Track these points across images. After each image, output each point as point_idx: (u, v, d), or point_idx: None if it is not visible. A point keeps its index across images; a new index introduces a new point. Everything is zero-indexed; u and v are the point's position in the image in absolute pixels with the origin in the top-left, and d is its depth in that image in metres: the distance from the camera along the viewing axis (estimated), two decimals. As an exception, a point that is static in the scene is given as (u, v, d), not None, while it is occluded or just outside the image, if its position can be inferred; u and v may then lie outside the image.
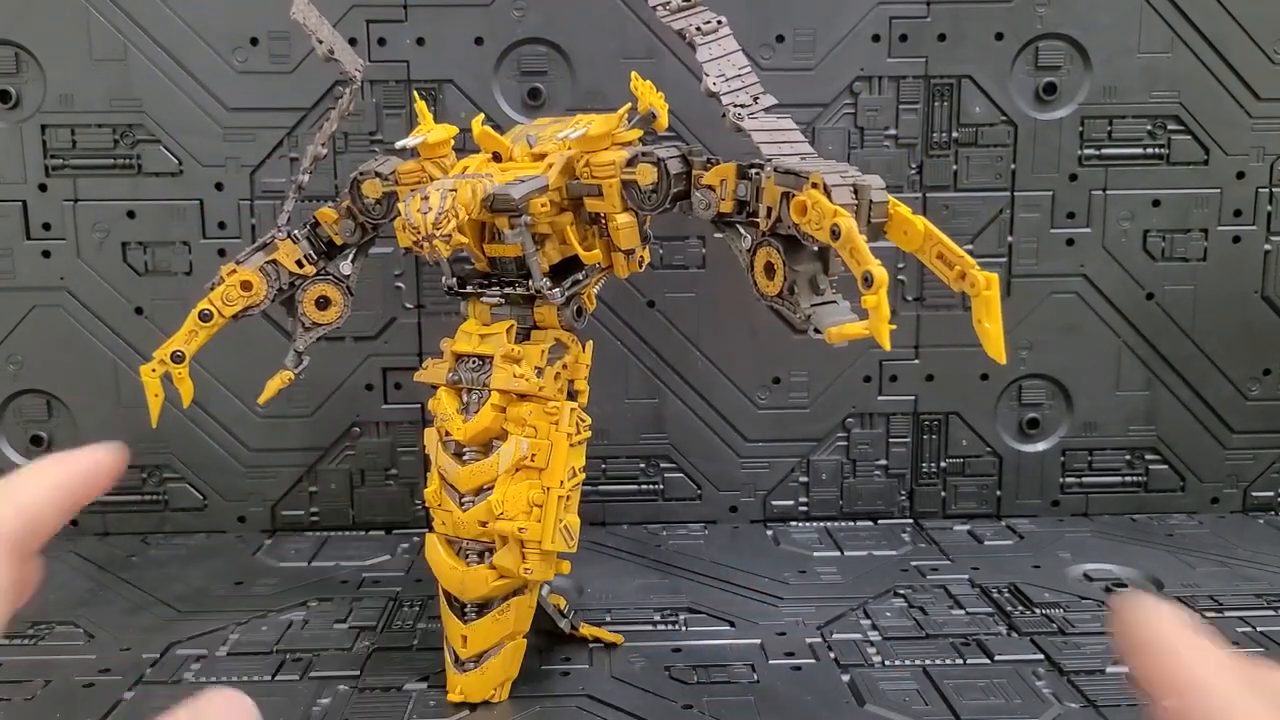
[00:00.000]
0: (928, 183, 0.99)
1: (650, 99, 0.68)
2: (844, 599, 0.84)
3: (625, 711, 0.67)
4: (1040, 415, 1.03)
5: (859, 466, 1.03)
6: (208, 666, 0.74)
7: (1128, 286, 1.01)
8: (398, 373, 1.00)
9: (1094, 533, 0.99)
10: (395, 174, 0.73)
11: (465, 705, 0.68)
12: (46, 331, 0.99)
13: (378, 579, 0.90)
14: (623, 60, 0.96)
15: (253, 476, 1.02)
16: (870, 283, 0.51)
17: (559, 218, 0.68)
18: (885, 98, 0.98)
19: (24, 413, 1.00)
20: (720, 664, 0.73)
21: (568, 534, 0.67)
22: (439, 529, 0.69)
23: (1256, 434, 1.04)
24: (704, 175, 0.65)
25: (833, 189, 0.55)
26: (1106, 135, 0.99)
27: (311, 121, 0.96)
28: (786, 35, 0.96)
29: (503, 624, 0.67)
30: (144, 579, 0.90)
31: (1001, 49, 0.97)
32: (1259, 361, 1.03)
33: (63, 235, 0.98)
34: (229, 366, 0.99)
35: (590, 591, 0.86)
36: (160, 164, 0.97)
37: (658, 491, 1.03)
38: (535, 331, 0.70)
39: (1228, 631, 0.77)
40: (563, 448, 0.66)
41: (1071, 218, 1.00)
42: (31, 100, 0.96)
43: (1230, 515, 1.04)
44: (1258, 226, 1.01)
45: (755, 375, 1.01)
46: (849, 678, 0.71)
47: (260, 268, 0.74)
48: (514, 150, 0.71)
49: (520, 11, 0.96)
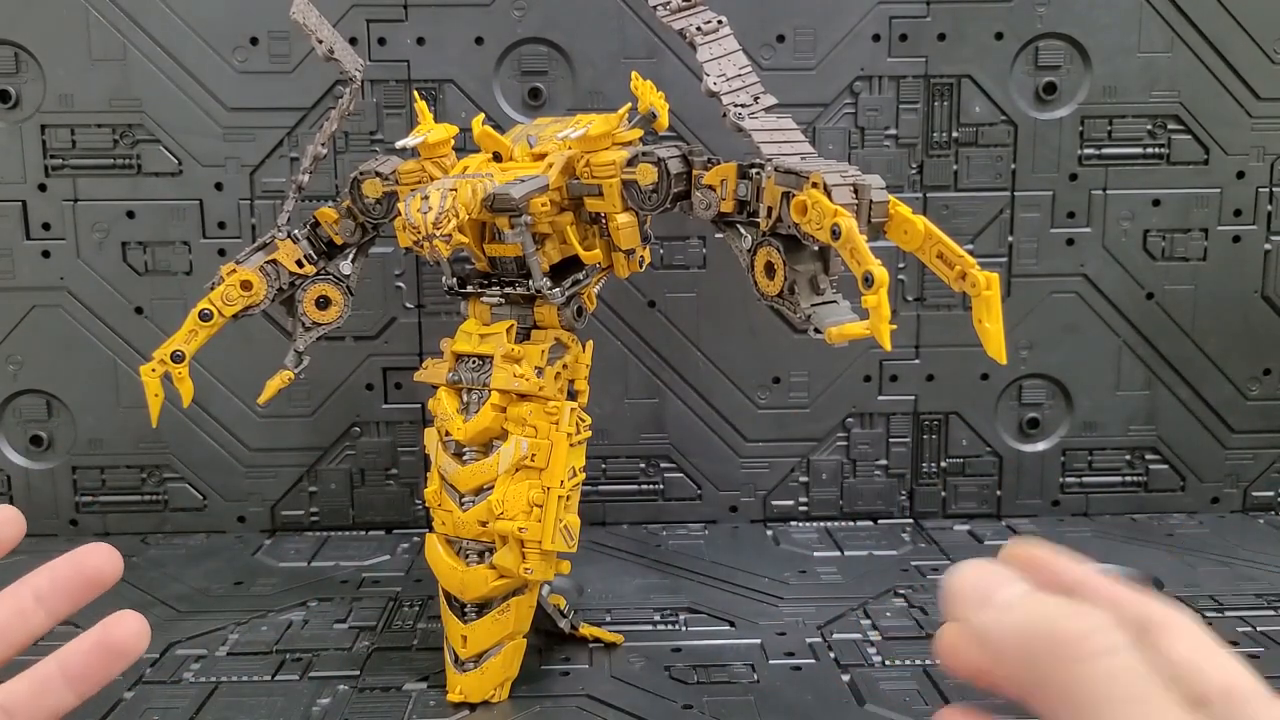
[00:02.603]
0: (928, 182, 0.99)
1: (650, 99, 0.68)
2: (844, 599, 0.84)
3: (625, 711, 0.67)
4: (1040, 415, 1.03)
5: (859, 466, 1.03)
6: (207, 666, 0.74)
7: (1128, 286, 1.01)
8: (398, 373, 1.00)
9: (1094, 533, 0.99)
10: (395, 174, 0.73)
11: (465, 705, 0.68)
12: (46, 331, 0.99)
13: (378, 579, 0.90)
14: (623, 60, 0.96)
15: (253, 476, 1.02)
16: (871, 282, 0.51)
17: (559, 217, 0.68)
18: (885, 97, 0.98)
19: (24, 413, 1.00)
20: (720, 664, 0.73)
21: (568, 534, 0.67)
22: (439, 529, 0.69)
23: (1256, 434, 1.04)
24: (704, 175, 0.65)
25: (833, 189, 0.55)
26: (1106, 135, 0.99)
27: (311, 121, 0.96)
28: (787, 35, 0.96)
29: (503, 624, 0.67)
30: (144, 579, 0.90)
31: (1001, 49, 0.97)
32: (1259, 361, 1.03)
33: (62, 235, 0.98)
34: (229, 366, 0.99)
35: (590, 591, 0.86)
36: (160, 164, 0.97)
37: (658, 491, 1.03)
38: (535, 331, 0.70)
39: (1228, 631, 0.77)
40: (563, 448, 0.66)
41: (1071, 217, 1.00)
42: (31, 100, 0.96)
43: (1230, 515, 1.04)
44: (1258, 226, 1.01)
45: (755, 375, 1.01)
46: (849, 678, 0.71)
47: (260, 267, 0.74)
48: (514, 150, 0.70)
49: (520, 11, 0.96)
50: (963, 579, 0.37)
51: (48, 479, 1.01)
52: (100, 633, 0.41)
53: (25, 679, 0.41)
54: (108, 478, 1.01)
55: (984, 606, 0.36)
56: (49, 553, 0.35)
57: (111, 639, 0.41)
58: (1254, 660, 0.73)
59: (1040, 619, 0.34)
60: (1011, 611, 0.35)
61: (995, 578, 0.37)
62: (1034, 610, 0.35)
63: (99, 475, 1.01)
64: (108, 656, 0.41)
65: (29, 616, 0.42)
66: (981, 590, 0.36)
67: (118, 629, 0.41)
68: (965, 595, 0.37)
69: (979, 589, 0.36)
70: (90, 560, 0.42)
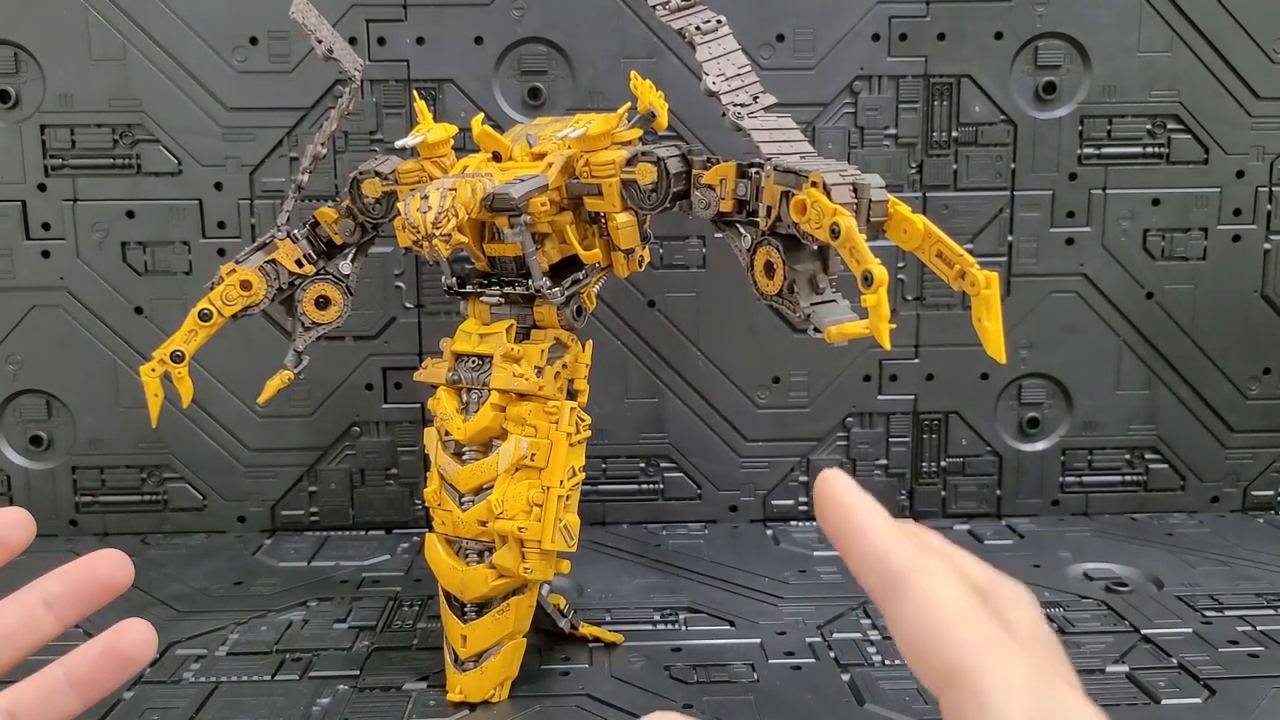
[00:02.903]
0: (928, 182, 0.99)
1: (650, 98, 0.68)
2: (844, 598, 0.84)
3: (625, 711, 0.67)
4: (1040, 415, 1.03)
5: (859, 466, 1.03)
6: (207, 666, 0.74)
7: (1128, 286, 1.01)
8: (398, 372, 1.00)
9: (1094, 532, 0.99)
10: (395, 173, 0.73)
11: (465, 705, 0.68)
12: (46, 331, 0.99)
13: (377, 579, 0.90)
14: (623, 60, 0.96)
15: (252, 476, 1.02)
16: (870, 282, 0.51)
17: (559, 217, 0.68)
18: (885, 97, 0.98)
19: (24, 413, 1.00)
20: (720, 664, 0.73)
21: (567, 534, 0.67)
22: (439, 529, 0.69)
23: (1256, 433, 1.04)
24: (704, 175, 0.65)
25: (832, 188, 0.55)
26: (1106, 134, 0.99)
27: (311, 121, 0.96)
28: (786, 35, 0.96)
29: (502, 624, 0.67)
30: (144, 579, 0.90)
31: (1001, 48, 0.97)
32: (1259, 361, 1.03)
33: (62, 235, 0.98)
34: (229, 366, 0.99)
35: (590, 591, 0.86)
36: (160, 164, 0.97)
37: (658, 491, 1.03)
38: (535, 331, 0.70)
39: (1228, 631, 0.77)
40: (562, 447, 0.66)
41: (1071, 217, 1.00)
42: (31, 100, 0.96)
43: (1230, 515, 1.04)
44: (1258, 226, 1.01)
45: (755, 375, 1.01)
46: (849, 677, 0.71)
47: (260, 267, 0.74)
48: (514, 150, 0.71)
49: (520, 11, 0.96)
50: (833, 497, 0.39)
51: (48, 479, 1.01)
52: (109, 639, 0.41)
53: (32, 683, 0.41)
54: (108, 478, 1.01)
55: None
56: (49, 553, 0.35)
57: (119, 646, 0.41)
58: (1253, 660, 0.73)
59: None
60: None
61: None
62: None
63: (99, 475, 1.01)
64: (114, 663, 0.41)
65: (38, 621, 0.42)
66: None
67: (126, 636, 0.41)
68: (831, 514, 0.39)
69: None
70: (102, 567, 0.42)
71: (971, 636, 0.33)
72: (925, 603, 0.34)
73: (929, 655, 0.34)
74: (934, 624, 0.34)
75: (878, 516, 0.38)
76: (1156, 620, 0.79)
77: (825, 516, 0.39)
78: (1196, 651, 0.74)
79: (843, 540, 0.38)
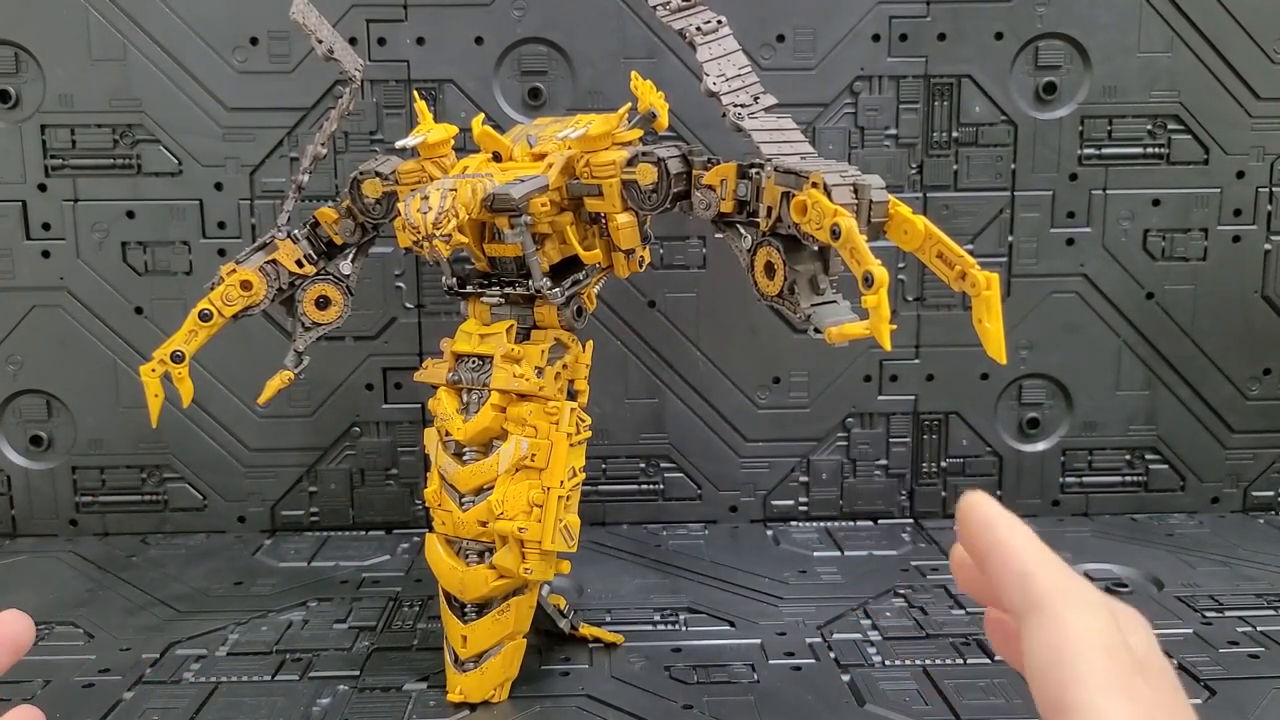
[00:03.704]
0: (928, 182, 0.99)
1: (650, 99, 0.68)
2: (844, 599, 0.84)
3: (625, 711, 0.67)
4: (1040, 415, 1.03)
5: (859, 466, 1.03)
6: (207, 666, 0.74)
7: (1128, 286, 1.01)
8: (398, 373, 1.00)
9: (1094, 532, 0.99)
10: (395, 174, 0.73)
11: (465, 705, 0.68)
12: (46, 331, 0.99)
13: (377, 579, 0.90)
14: (623, 60, 0.96)
15: (252, 476, 1.02)
16: (870, 282, 0.51)
17: (559, 217, 0.68)
18: (885, 97, 0.98)
19: (24, 413, 1.00)
20: (720, 664, 0.73)
21: (568, 534, 0.67)
22: (439, 529, 0.69)
23: (1256, 434, 1.04)
24: (704, 175, 0.65)
25: (833, 188, 0.55)
26: (1106, 135, 0.99)
27: (311, 121, 0.96)
28: (787, 35, 0.96)
29: (503, 624, 0.67)
30: (144, 579, 0.90)
31: (1001, 49, 0.97)
32: (1259, 361, 1.03)
33: (62, 235, 0.98)
34: (229, 366, 0.99)
35: (590, 591, 0.86)
36: (160, 164, 0.97)
37: (658, 491, 1.03)
38: (535, 331, 0.70)
39: (1228, 632, 0.77)
40: (563, 447, 0.66)
41: (1071, 217, 1.00)
42: (31, 100, 0.96)
43: (1230, 515, 1.04)
44: (1258, 226, 1.01)
45: (755, 375, 1.01)
46: (849, 678, 0.71)
47: (260, 267, 0.74)
48: (514, 150, 0.70)
49: (520, 11, 0.96)
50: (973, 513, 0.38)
51: (48, 479, 1.01)
52: None
53: None
54: (108, 478, 1.01)
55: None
56: (49, 553, 0.34)
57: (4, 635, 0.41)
58: (1253, 661, 0.73)
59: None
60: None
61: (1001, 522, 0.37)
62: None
63: (99, 475, 1.01)
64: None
65: None
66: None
67: (9, 627, 0.41)
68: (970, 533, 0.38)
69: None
70: (8, 629, 0.42)
71: (1095, 675, 0.32)
72: (1060, 630, 0.33)
73: (1046, 683, 0.32)
74: (1062, 655, 0.33)
75: (1023, 534, 0.36)
76: (1157, 621, 0.78)
77: (967, 534, 0.37)
78: (1197, 652, 0.74)
79: (986, 559, 0.37)
